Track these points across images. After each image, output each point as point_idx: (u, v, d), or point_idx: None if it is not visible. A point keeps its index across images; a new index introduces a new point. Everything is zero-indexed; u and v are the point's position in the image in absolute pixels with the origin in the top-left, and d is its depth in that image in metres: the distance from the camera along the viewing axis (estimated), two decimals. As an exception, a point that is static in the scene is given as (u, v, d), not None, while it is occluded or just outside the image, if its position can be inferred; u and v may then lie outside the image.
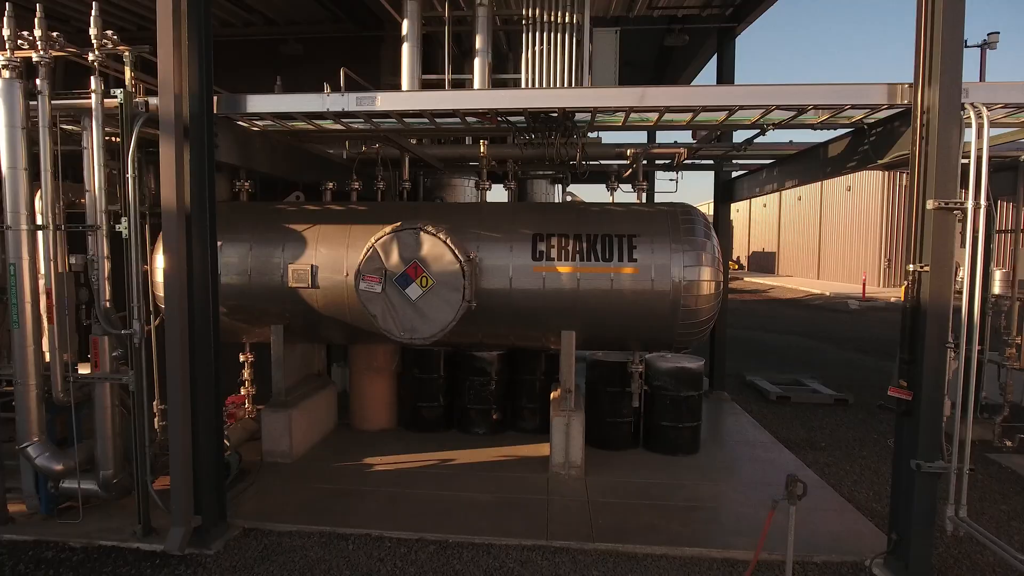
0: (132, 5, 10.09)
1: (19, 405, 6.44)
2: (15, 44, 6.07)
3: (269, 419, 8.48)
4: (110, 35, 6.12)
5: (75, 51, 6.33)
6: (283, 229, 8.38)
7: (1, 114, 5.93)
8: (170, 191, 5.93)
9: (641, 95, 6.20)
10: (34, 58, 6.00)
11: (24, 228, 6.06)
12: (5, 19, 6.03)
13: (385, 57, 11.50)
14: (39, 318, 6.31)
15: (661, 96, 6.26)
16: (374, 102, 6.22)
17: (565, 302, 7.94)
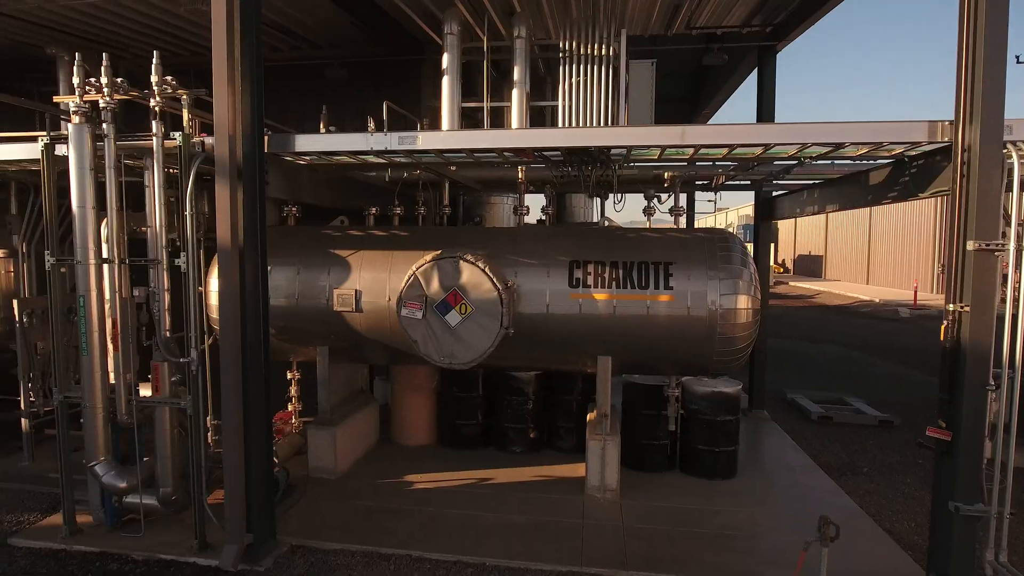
0: (185, 34, 10.59)
1: (87, 426, 6.92)
2: (83, 90, 6.51)
3: (315, 437, 8.84)
4: (169, 80, 6.52)
5: (137, 94, 6.75)
6: (328, 254, 8.72)
7: (72, 158, 6.40)
8: (225, 227, 6.29)
9: (681, 134, 6.27)
10: (101, 103, 6.44)
11: (92, 263, 6.51)
12: (75, 67, 6.49)
13: (426, 78, 11.77)
14: (105, 345, 6.75)
15: (701, 135, 6.34)
16: (415, 141, 6.47)
17: (601, 328, 8.05)
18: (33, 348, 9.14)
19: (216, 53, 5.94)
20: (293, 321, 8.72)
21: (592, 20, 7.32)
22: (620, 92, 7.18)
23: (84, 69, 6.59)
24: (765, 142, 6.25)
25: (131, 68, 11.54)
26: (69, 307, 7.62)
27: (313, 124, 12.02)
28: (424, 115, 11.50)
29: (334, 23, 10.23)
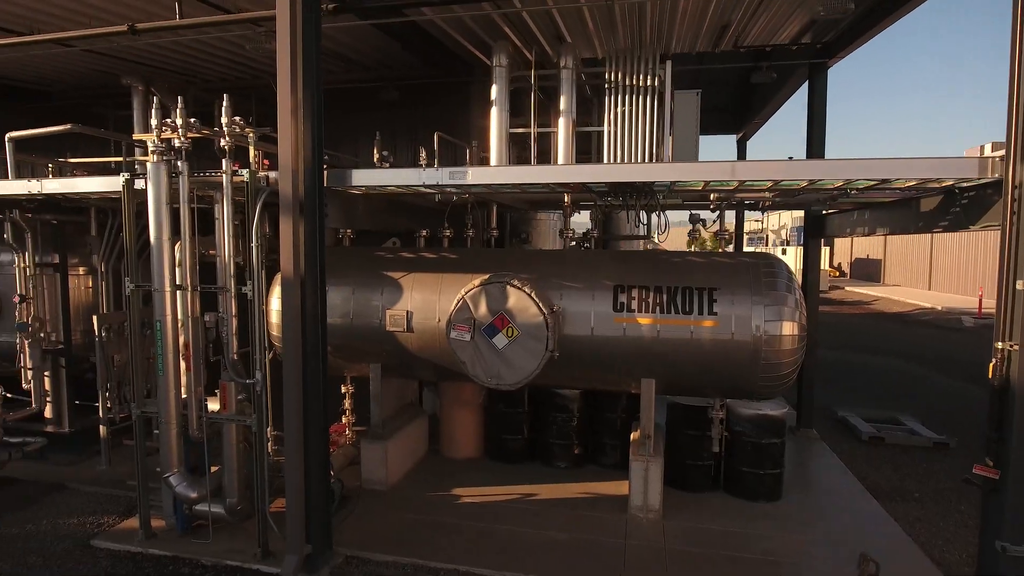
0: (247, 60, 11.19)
1: (162, 439, 7.48)
2: (161, 130, 7.05)
3: (367, 450, 9.26)
4: (238, 121, 6.99)
5: (208, 133, 7.25)
6: (381, 275, 9.12)
7: (150, 194, 6.94)
8: (288, 258, 6.71)
9: (731, 170, 6.36)
10: (176, 143, 6.96)
11: (168, 290, 7.04)
12: (153, 111, 7.02)
13: (475, 97, 12.09)
14: (179, 366, 7.29)
15: (750, 171, 6.40)
16: (465, 176, 6.77)
17: (645, 351, 8.19)
18: (110, 360, 9.84)
19: (280, 98, 6.35)
20: (348, 339, 9.15)
21: (638, 46, 7.48)
22: (665, 122, 7.31)
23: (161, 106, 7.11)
24: (811, 178, 6.29)
25: (199, 93, 12.28)
26: (143, 321, 8.24)
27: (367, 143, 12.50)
28: (473, 135, 11.82)
29: (387, 50, 10.63)
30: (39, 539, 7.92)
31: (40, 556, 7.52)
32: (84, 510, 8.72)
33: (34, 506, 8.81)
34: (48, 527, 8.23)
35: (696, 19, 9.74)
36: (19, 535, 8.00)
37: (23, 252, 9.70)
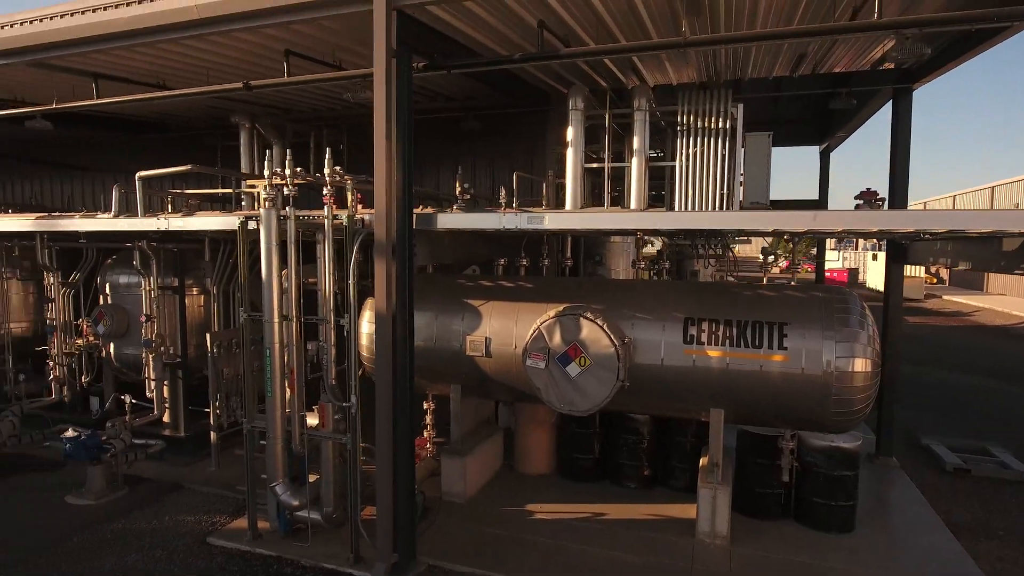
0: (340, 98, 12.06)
1: (269, 452, 8.37)
2: (271, 179, 7.90)
3: (448, 465, 9.91)
4: (338, 170, 7.75)
5: (312, 180, 8.06)
6: (462, 302, 9.74)
7: (263, 236, 7.81)
8: (381, 294, 7.41)
9: (812, 219, 6.52)
10: (285, 191, 7.79)
11: (276, 321, 7.89)
12: (266, 162, 7.89)
13: (552, 125, 12.55)
14: (284, 388, 8.14)
15: (830, 220, 6.55)
16: (542, 221, 7.25)
17: (713, 382, 8.42)
18: (220, 373, 10.92)
19: (376, 153, 7.04)
20: (430, 361, 9.82)
21: (713, 73, 7.65)
22: (736, 163, 7.53)
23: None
24: (892, 229, 6.40)
25: (297, 127, 13.31)
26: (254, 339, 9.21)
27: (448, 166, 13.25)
28: (549, 160, 12.31)
29: (471, 87, 11.26)
30: (163, 534, 9.00)
31: (164, 551, 8.56)
32: (199, 508, 9.79)
33: (156, 503, 9.97)
34: (170, 523, 9.32)
35: (772, 50, 9.83)
36: (147, 530, 9.11)
37: (148, 276, 10.95)
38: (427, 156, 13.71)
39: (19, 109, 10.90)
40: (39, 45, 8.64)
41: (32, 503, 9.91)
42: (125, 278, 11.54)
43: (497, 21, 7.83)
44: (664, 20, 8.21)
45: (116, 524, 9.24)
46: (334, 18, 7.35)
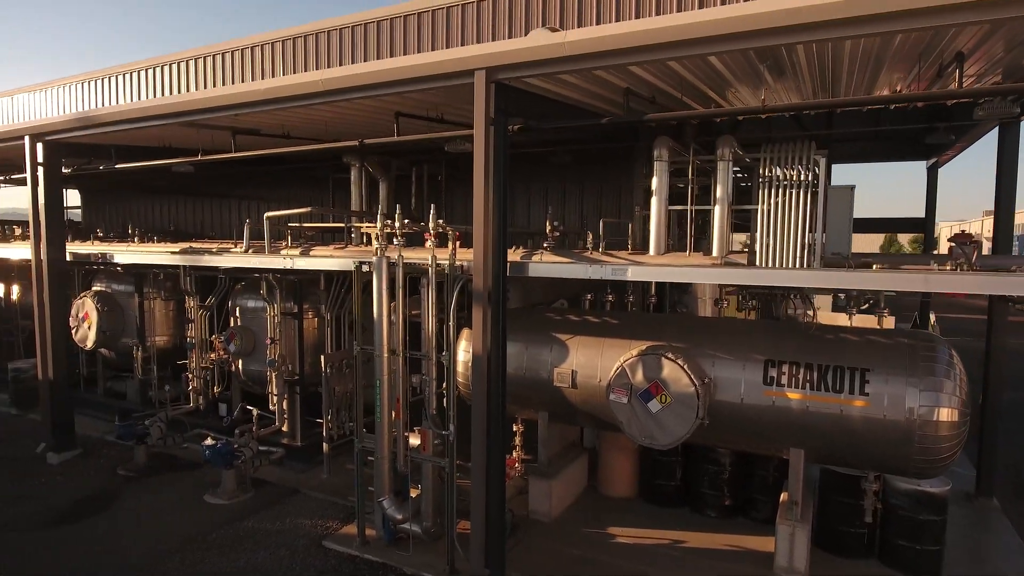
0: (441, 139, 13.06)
1: (377, 469, 9.41)
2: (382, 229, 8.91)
3: (535, 485, 10.64)
4: (441, 222, 8.63)
5: (417, 229, 9.00)
6: (550, 335, 10.42)
7: (375, 279, 8.82)
8: (478, 334, 8.23)
9: (924, 282, 6.71)
10: (395, 242, 8.76)
11: (385, 355, 8.89)
12: (379, 216, 8.91)
13: (639, 159, 13.03)
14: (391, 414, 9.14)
15: (942, 283, 6.72)
16: (626, 273, 7.82)
17: (793, 423, 8.67)
18: (332, 391, 12.14)
19: (476, 209, 7.87)
20: (519, 389, 10.57)
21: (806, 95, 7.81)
22: (819, 216, 7.78)
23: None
24: (979, 293, 6.52)
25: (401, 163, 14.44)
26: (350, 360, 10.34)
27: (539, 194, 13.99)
28: (637, 195, 12.78)
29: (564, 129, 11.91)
30: (285, 535, 10.24)
31: (287, 550, 9.77)
32: (314, 513, 11.00)
33: (278, 506, 11.28)
34: (291, 525, 10.56)
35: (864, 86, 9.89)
36: (272, 530, 10.38)
37: (273, 303, 12.34)
38: (519, 185, 14.51)
39: (172, 160, 12.57)
40: (192, 110, 10.08)
41: (178, 500, 11.47)
42: (252, 302, 13.03)
43: (586, 84, 8.46)
44: (747, 74, 8.57)
45: (247, 523, 10.58)
46: (440, 87, 8.23)
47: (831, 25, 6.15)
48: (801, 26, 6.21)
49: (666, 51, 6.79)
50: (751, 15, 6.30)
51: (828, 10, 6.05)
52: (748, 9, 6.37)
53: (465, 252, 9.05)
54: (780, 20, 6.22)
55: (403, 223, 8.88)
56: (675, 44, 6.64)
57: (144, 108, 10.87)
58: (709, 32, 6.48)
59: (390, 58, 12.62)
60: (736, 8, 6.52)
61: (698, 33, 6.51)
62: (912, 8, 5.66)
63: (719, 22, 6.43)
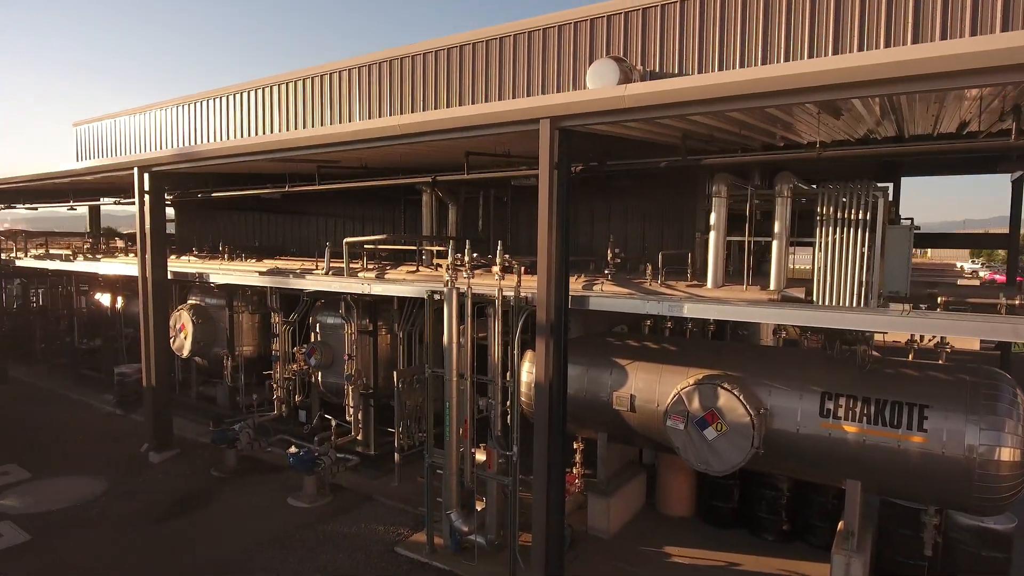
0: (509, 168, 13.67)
1: (445, 484, 10.11)
2: (454, 262, 9.58)
3: (593, 503, 11.11)
4: (507, 257, 9.23)
5: (484, 262, 9.62)
6: (609, 360, 10.87)
7: (445, 310, 9.50)
8: (541, 364, 8.78)
9: (1012, 332, 6.82)
10: (464, 274, 9.43)
11: (454, 379, 9.57)
12: (450, 252, 9.59)
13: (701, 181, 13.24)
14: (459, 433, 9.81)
15: (999, 332, 6.84)
16: (682, 309, 8.20)
17: (849, 455, 8.82)
18: (404, 404, 12.95)
19: (540, 248, 8.41)
20: (579, 410, 11.06)
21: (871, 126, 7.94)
22: (876, 255, 7.94)
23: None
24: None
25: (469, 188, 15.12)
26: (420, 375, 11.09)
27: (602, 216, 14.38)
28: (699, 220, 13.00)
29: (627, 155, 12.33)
30: (361, 539, 11.08)
31: (363, 554, 10.60)
32: (386, 520, 11.82)
33: (354, 511, 12.17)
34: (365, 530, 11.41)
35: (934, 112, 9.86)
36: (349, 534, 11.25)
37: (350, 321, 13.27)
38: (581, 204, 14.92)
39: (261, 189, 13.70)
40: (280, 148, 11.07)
41: (265, 501, 12.54)
42: (331, 319, 14.03)
43: (647, 126, 8.87)
44: (805, 114, 8.76)
45: (326, 526, 11.51)
46: (507, 133, 8.83)
47: (897, 82, 6.33)
48: (865, 83, 6.40)
49: (725, 104, 7.13)
50: (813, 72, 6.55)
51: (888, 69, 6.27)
52: (811, 67, 6.62)
53: (529, 279, 9.60)
54: (841, 78, 6.45)
55: (472, 257, 9.54)
56: (734, 98, 6.98)
57: (237, 146, 11.97)
58: (768, 88, 6.78)
59: (460, 107, 13.35)
60: (802, 65, 6.84)
61: (756, 88, 6.83)
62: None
63: (781, 79, 6.72)
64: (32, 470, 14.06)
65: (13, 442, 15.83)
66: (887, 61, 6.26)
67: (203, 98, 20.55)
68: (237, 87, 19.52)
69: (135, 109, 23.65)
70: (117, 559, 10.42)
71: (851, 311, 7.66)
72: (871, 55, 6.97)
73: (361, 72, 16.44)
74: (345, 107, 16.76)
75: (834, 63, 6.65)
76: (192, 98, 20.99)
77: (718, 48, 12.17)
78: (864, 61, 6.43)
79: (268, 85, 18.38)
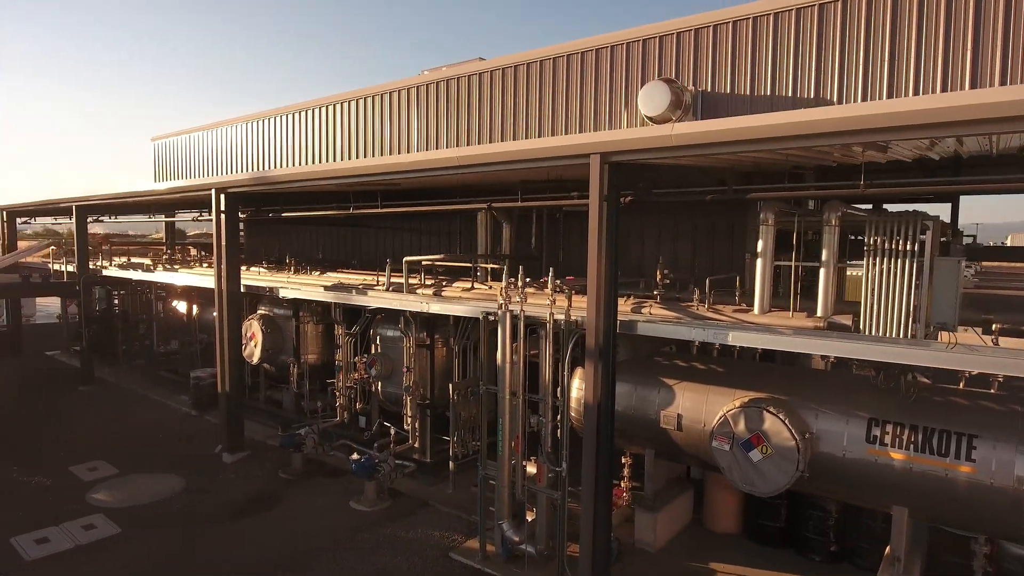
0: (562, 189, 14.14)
1: (498, 495, 10.67)
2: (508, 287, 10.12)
3: (640, 518, 11.46)
4: (558, 283, 9.70)
5: (536, 289, 10.11)
6: (657, 379, 11.19)
7: (499, 334, 10.06)
8: (590, 386, 9.23)
9: None
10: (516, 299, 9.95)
11: (507, 397, 10.11)
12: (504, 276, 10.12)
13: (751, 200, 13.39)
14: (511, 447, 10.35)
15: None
16: (726, 337, 8.51)
17: (895, 482, 8.91)
18: (459, 415, 13.58)
19: (589, 278, 8.85)
20: (628, 426, 11.41)
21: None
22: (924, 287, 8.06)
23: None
24: None
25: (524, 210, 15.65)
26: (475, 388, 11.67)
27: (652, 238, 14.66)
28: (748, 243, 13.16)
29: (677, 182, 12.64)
30: (417, 543, 11.74)
31: (420, 558, 11.25)
32: (441, 525, 12.45)
33: (411, 516, 12.85)
34: (422, 535, 12.07)
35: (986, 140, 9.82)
36: (407, 538, 11.93)
37: (409, 335, 13.99)
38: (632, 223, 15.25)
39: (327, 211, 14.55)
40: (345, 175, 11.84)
41: (328, 503, 13.36)
42: (391, 332, 14.79)
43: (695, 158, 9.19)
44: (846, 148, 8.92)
45: (385, 530, 12.22)
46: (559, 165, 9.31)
47: (953, 125, 6.50)
48: (921, 126, 6.59)
49: (772, 144, 7.43)
50: (863, 116, 6.79)
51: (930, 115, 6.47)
52: (861, 111, 6.87)
53: (580, 300, 10.04)
54: (895, 121, 6.65)
55: (524, 281, 10.05)
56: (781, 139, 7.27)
57: (306, 172, 12.88)
58: (815, 130, 7.05)
59: (515, 141, 13.85)
60: (852, 108, 7.10)
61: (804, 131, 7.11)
62: None
63: (828, 121, 6.98)
64: (118, 466, 15.33)
65: (102, 439, 17.25)
66: (943, 106, 6.43)
67: (272, 115, 21.76)
68: (305, 104, 20.61)
69: (208, 125, 25.16)
70: (196, 554, 11.37)
71: (893, 344, 7.81)
72: (928, 100, 7.14)
73: (419, 91, 17.18)
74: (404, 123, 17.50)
75: (887, 107, 6.86)
76: (262, 114, 22.23)
77: (770, 68, 12.33)
78: (921, 105, 6.60)
79: (333, 103, 19.37)
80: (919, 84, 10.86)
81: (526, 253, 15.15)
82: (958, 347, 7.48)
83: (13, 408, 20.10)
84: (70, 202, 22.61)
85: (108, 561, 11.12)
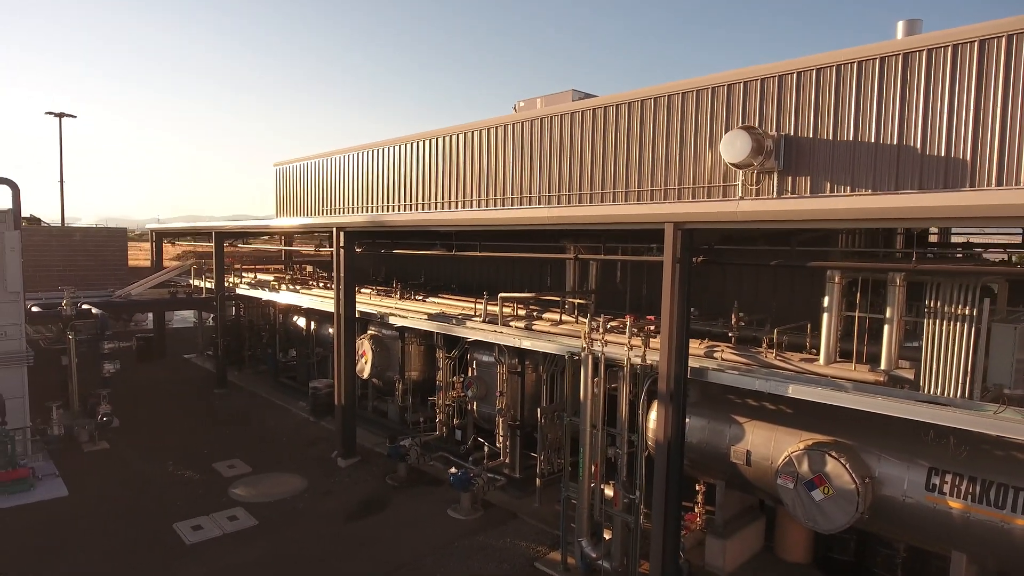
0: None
1: (578, 516, 11.98)
2: (591, 331, 11.40)
3: (711, 544, 12.41)
4: (635, 329, 10.89)
5: (616, 324, 11.33)
6: (729, 416, 12.10)
7: (581, 374, 11.36)
8: (661, 425, 10.36)
9: None
10: (596, 345, 11.22)
11: (588, 430, 11.40)
12: (586, 319, 11.41)
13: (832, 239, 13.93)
14: (592, 472, 11.62)
15: None
16: (786, 390, 9.41)
17: (952, 529, 9.47)
18: (545, 436, 14.97)
19: (663, 324, 9.99)
20: (701, 458, 12.40)
21: None
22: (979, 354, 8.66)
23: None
24: None
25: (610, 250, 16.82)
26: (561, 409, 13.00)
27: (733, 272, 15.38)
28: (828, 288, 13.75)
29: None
30: (507, 552, 13.22)
31: (508, 565, 12.72)
32: (527, 537, 13.88)
33: (502, 526, 14.35)
34: (511, 544, 13.54)
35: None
36: (498, 547, 13.44)
37: (502, 363, 15.54)
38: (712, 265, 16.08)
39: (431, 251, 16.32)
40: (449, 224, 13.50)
41: (429, 510, 15.12)
42: (486, 358, 16.41)
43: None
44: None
45: (479, 538, 13.79)
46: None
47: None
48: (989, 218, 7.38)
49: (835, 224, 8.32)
50: (927, 207, 7.66)
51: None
52: (926, 202, 7.73)
53: (657, 342, 11.14)
54: (957, 213, 7.51)
55: (606, 327, 11.30)
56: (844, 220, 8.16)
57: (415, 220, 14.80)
58: (878, 216, 7.92)
59: (599, 206, 14.96)
60: (916, 199, 7.95)
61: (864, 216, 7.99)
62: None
63: (893, 209, 7.85)
64: (252, 464, 17.82)
65: (237, 439, 19.96)
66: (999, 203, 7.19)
67: (383, 145, 24.02)
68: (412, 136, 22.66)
69: (325, 152, 27.87)
70: (320, 550, 13.37)
71: (939, 407, 8.47)
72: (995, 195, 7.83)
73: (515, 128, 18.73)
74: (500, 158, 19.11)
75: (945, 200, 7.63)
76: (375, 144, 24.53)
77: (854, 114, 12.87)
78: (984, 201, 7.37)
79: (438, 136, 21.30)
80: (1005, 136, 11.13)
81: (611, 288, 16.31)
82: (1007, 412, 8.06)
83: (165, 408, 23.41)
84: (210, 229, 25.92)
85: (252, 551, 13.28)
